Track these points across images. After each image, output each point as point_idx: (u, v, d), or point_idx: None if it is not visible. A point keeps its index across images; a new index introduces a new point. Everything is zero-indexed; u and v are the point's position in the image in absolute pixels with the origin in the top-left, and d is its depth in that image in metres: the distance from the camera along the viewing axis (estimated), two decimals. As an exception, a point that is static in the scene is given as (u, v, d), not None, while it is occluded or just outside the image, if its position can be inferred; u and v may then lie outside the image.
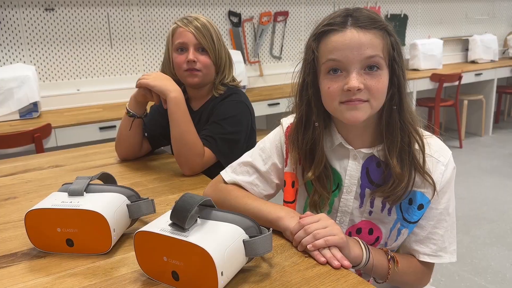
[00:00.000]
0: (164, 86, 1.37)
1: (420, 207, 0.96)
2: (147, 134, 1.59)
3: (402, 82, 0.92)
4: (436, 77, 4.23)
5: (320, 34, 0.91)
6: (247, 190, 1.07)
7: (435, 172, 0.95)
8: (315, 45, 0.92)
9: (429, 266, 1.02)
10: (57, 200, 0.92)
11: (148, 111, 1.54)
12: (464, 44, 5.24)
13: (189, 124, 1.38)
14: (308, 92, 0.95)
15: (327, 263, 0.85)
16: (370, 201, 0.99)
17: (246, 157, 1.10)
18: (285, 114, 1.09)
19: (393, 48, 0.90)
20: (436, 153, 0.96)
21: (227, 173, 1.10)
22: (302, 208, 1.06)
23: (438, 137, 0.99)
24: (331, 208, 1.03)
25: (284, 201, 1.08)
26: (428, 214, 0.97)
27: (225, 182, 1.09)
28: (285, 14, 3.84)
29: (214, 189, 1.09)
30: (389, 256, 0.95)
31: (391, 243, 1.01)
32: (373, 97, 0.89)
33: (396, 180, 0.92)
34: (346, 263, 0.84)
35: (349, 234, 1.02)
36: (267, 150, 1.07)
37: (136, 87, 1.43)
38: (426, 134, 0.97)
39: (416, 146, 0.94)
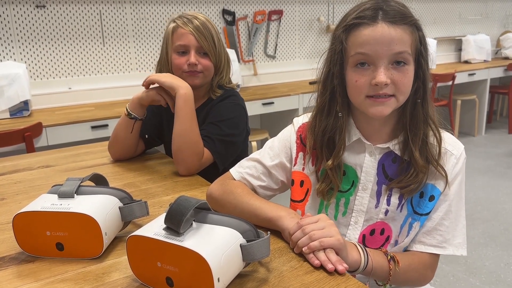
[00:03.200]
0: (175, 82, 1.36)
1: (431, 198, 0.97)
2: (140, 134, 1.56)
3: (427, 76, 0.93)
4: (430, 77, 4.23)
5: (350, 26, 0.91)
6: (252, 184, 1.07)
7: (448, 164, 0.97)
8: (344, 36, 0.92)
9: (432, 261, 1.00)
10: (47, 202, 0.89)
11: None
12: (457, 44, 5.26)
13: (194, 123, 1.36)
14: (334, 82, 0.96)
15: (322, 266, 0.82)
16: (386, 198, 0.98)
17: (255, 154, 1.11)
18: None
19: (420, 43, 0.92)
20: (450, 146, 0.99)
21: (235, 169, 1.11)
22: (317, 210, 1.05)
23: (449, 132, 1.02)
24: (346, 209, 1.02)
25: (291, 199, 1.08)
26: (438, 206, 0.98)
27: (233, 179, 1.09)
28: (280, 13, 3.82)
29: (221, 184, 1.09)
30: (389, 257, 0.93)
31: (403, 239, 0.99)
32: (399, 92, 0.90)
33: (415, 171, 0.94)
34: (340, 267, 0.81)
35: (363, 237, 1.01)
36: (276, 149, 1.08)
37: (143, 84, 1.40)
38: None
39: (431, 139, 0.96)
